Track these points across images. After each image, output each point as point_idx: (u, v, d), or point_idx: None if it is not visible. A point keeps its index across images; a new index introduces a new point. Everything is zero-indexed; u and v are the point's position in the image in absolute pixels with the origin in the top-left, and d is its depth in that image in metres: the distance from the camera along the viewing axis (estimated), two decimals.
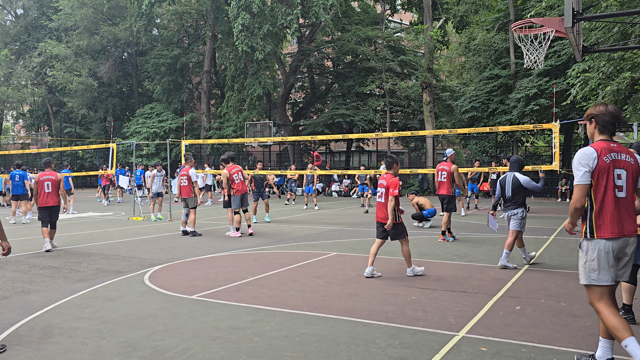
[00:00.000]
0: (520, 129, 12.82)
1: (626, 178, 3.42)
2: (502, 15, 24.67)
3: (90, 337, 4.33)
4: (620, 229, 3.36)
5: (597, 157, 3.38)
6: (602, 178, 3.39)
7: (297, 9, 24.75)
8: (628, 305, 4.63)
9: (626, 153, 3.47)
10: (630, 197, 3.45)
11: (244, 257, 8.25)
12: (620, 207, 3.39)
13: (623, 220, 3.37)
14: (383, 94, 29.32)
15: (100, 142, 32.90)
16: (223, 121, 31.51)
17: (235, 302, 5.39)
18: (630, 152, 3.50)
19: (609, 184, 3.38)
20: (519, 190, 7.25)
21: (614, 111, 3.47)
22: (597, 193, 3.40)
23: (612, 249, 3.35)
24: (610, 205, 3.37)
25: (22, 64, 36.84)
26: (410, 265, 6.67)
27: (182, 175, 11.23)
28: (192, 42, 36.32)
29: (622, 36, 12.38)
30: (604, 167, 3.38)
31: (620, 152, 3.44)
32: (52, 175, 9.27)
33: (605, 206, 3.38)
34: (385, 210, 6.51)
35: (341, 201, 22.67)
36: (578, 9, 6.78)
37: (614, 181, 3.39)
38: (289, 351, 3.96)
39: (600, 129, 3.52)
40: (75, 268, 7.40)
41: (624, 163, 3.43)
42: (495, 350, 3.97)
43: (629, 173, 3.43)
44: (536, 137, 31.39)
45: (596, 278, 3.38)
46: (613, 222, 3.35)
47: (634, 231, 3.39)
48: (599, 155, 3.39)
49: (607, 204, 3.38)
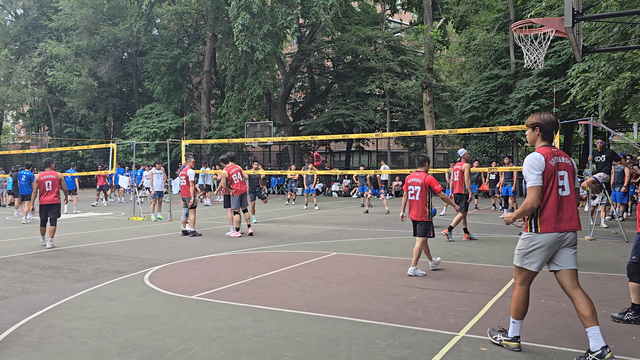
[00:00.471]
0: (520, 129, 12.81)
1: (567, 178, 3.81)
2: (502, 15, 24.68)
3: (90, 337, 4.33)
4: (560, 224, 3.73)
5: (544, 162, 3.76)
6: (549, 180, 3.76)
7: (297, 9, 24.75)
8: (638, 305, 4.62)
9: (564, 156, 3.89)
10: (572, 195, 3.81)
11: (244, 257, 8.25)
12: (562, 205, 3.76)
13: (563, 217, 3.75)
14: (383, 94, 29.33)
15: (100, 142, 32.91)
16: (223, 121, 31.52)
17: (235, 302, 5.39)
18: (567, 155, 3.90)
19: (554, 184, 3.76)
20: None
21: (555, 120, 3.90)
22: (544, 193, 3.76)
23: (550, 242, 3.73)
24: (553, 203, 3.74)
25: (22, 64, 36.85)
26: (415, 264, 6.74)
27: (181, 175, 11.29)
28: (192, 42, 36.32)
29: (622, 36, 12.38)
30: (550, 169, 3.77)
31: (560, 155, 3.86)
32: (52, 175, 9.50)
33: (549, 204, 3.75)
34: (421, 209, 6.75)
35: (341, 201, 22.67)
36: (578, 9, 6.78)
37: (558, 182, 3.77)
38: (289, 351, 3.96)
39: (544, 135, 3.92)
40: (75, 268, 7.40)
41: (565, 165, 3.83)
42: (495, 350, 3.96)
43: (569, 174, 3.83)
44: None
45: (528, 263, 3.82)
46: (554, 219, 3.73)
47: (574, 227, 3.76)
48: (546, 160, 3.77)
49: (550, 203, 3.75)
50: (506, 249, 8.76)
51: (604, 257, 7.93)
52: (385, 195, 17.56)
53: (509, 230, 11.44)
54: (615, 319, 4.63)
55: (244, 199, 10.94)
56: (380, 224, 13.04)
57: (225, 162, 11.02)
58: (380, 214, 15.86)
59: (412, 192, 6.84)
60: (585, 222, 10.86)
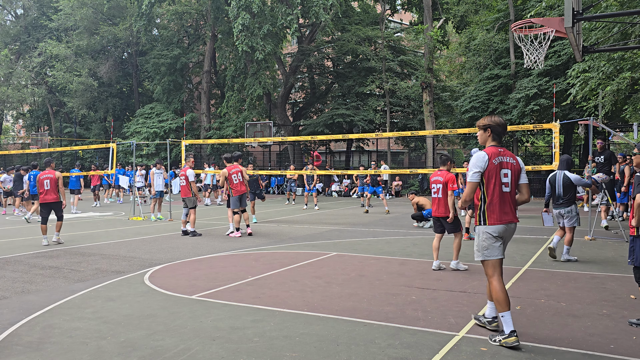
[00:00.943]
0: (520, 129, 12.81)
1: (510, 176, 4.21)
2: (502, 15, 24.66)
3: (90, 337, 4.33)
4: (503, 217, 4.17)
5: (488, 160, 4.16)
6: (492, 177, 4.17)
7: (297, 9, 24.74)
8: None
9: (510, 156, 4.27)
10: (513, 192, 4.26)
11: (244, 257, 8.25)
12: (505, 200, 4.19)
13: (506, 210, 4.18)
14: (383, 94, 29.32)
15: (100, 142, 32.90)
16: (223, 121, 31.51)
17: (235, 302, 5.39)
18: (512, 155, 4.29)
19: (497, 181, 4.17)
20: (569, 188, 7.60)
21: (504, 123, 4.30)
22: (489, 189, 4.18)
23: (498, 232, 4.17)
24: (497, 198, 4.17)
25: (22, 64, 36.83)
26: (456, 258, 7.01)
27: (181, 175, 11.30)
28: (192, 42, 36.31)
29: (622, 36, 12.38)
30: (493, 168, 4.16)
31: (505, 155, 4.24)
32: (50, 174, 9.84)
33: (494, 199, 4.17)
34: (443, 205, 7.03)
35: (341, 201, 22.67)
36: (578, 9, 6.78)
37: (501, 179, 4.18)
38: (289, 351, 3.96)
39: (494, 136, 4.29)
40: (75, 268, 7.40)
41: (509, 164, 4.22)
42: (495, 350, 3.97)
43: (512, 172, 4.22)
44: (536, 137, 31.39)
45: (488, 254, 4.19)
46: (499, 212, 4.16)
47: (513, 219, 4.22)
48: (489, 159, 4.16)
49: (495, 198, 4.17)
50: (506, 249, 8.75)
51: (604, 257, 7.93)
52: (385, 195, 17.55)
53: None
54: (634, 324, 4.52)
55: (243, 200, 10.94)
56: (380, 224, 13.04)
57: (228, 162, 11.07)
58: (380, 214, 15.86)
59: (435, 190, 7.14)
60: (585, 222, 10.85)
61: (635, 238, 4.69)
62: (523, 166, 4.33)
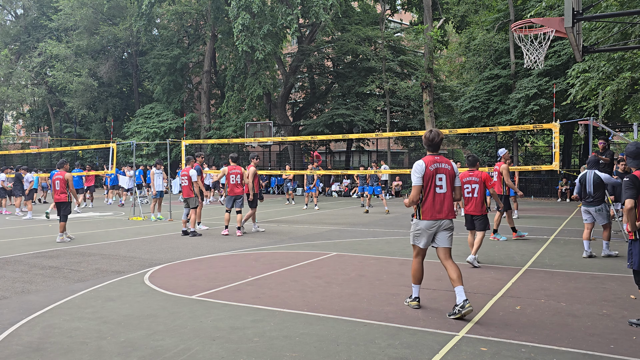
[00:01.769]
0: (520, 129, 12.82)
1: (445, 180, 4.99)
2: (502, 15, 24.66)
3: (90, 337, 4.33)
4: (435, 214, 4.95)
5: (424, 167, 4.96)
6: (428, 181, 4.96)
7: (297, 9, 24.74)
8: None
9: (446, 162, 5.04)
10: (449, 193, 5.01)
11: (244, 257, 8.25)
12: (438, 200, 4.96)
13: (438, 209, 4.96)
14: (383, 94, 29.31)
15: (100, 142, 32.89)
16: (223, 121, 31.51)
17: (235, 302, 5.39)
18: (448, 162, 5.07)
19: (432, 184, 4.96)
20: (599, 187, 7.85)
21: (433, 137, 5.03)
22: (425, 191, 4.99)
23: (428, 227, 4.98)
24: (431, 199, 4.96)
25: (22, 64, 36.84)
26: (475, 253, 7.33)
27: (182, 175, 11.29)
28: (192, 42, 36.30)
29: (622, 36, 12.38)
30: (429, 173, 4.96)
31: (441, 162, 5.02)
32: (60, 175, 10.43)
33: (428, 199, 4.96)
34: (479, 204, 7.49)
35: (341, 201, 22.67)
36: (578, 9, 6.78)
37: (436, 182, 4.97)
38: (289, 351, 3.96)
39: (428, 148, 5.10)
40: (75, 268, 7.40)
41: (443, 169, 5.00)
42: (495, 350, 3.96)
43: (447, 177, 5.00)
44: (536, 137, 31.39)
45: (418, 242, 5.07)
46: (432, 210, 4.96)
47: (447, 216, 4.96)
48: (426, 166, 4.96)
49: (429, 198, 4.96)
50: (506, 249, 8.76)
51: (604, 257, 7.93)
52: (385, 195, 17.54)
53: (509, 230, 11.45)
54: (634, 324, 4.54)
55: (237, 201, 11.16)
56: (380, 224, 13.04)
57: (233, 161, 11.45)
58: (380, 214, 15.86)
59: (470, 190, 7.54)
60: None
61: (634, 242, 4.68)
62: (457, 172, 5.13)
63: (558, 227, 11.98)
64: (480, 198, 7.50)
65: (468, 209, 7.59)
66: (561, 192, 21.82)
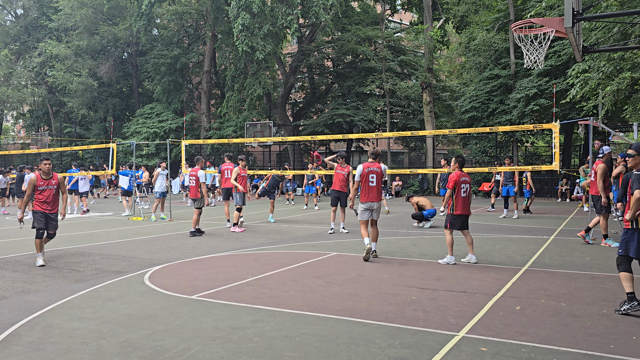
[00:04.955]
0: (520, 129, 12.81)
1: (375, 177, 7.92)
2: (502, 15, 24.67)
3: (90, 337, 4.33)
4: (368, 198, 7.86)
5: (362, 169, 7.88)
6: (365, 178, 7.89)
7: (297, 9, 24.74)
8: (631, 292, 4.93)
9: (376, 166, 7.97)
10: (378, 185, 7.92)
11: (244, 257, 8.25)
12: (370, 190, 7.89)
13: (370, 196, 7.86)
14: (383, 94, 29.32)
15: (100, 142, 32.88)
16: (223, 121, 31.50)
17: (235, 302, 5.39)
18: (378, 165, 8.00)
19: (367, 180, 7.88)
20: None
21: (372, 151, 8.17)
22: (362, 184, 7.88)
23: (367, 206, 7.85)
24: (366, 189, 7.88)
25: (22, 64, 36.82)
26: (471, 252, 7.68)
27: (191, 175, 11.30)
28: (192, 42, 36.29)
29: (622, 36, 12.38)
30: (365, 173, 7.89)
31: (373, 166, 7.96)
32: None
33: (365, 190, 7.89)
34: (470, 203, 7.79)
35: None
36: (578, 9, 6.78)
37: (369, 179, 7.89)
38: (289, 351, 3.96)
39: (369, 157, 8.10)
40: (75, 268, 7.40)
41: (374, 171, 7.91)
42: (495, 350, 3.96)
43: (377, 175, 7.93)
44: (536, 137, 31.38)
45: (362, 217, 7.85)
46: (367, 196, 7.86)
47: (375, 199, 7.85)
48: (363, 168, 7.89)
49: (365, 189, 7.89)
50: (506, 249, 8.76)
51: (604, 257, 7.94)
52: (384, 195, 17.54)
53: (509, 230, 11.45)
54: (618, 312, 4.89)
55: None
56: (380, 224, 13.02)
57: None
58: (380, 214, 15.84)
59: (465, 190, 7.57)
60: (584, 223, 10.84)
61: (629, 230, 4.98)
62: (385, 172, 8.13)
63: (558, 227, 11.98)
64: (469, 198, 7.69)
65: (467, 209, 7.52)
66: (561, 192, 21.81)
